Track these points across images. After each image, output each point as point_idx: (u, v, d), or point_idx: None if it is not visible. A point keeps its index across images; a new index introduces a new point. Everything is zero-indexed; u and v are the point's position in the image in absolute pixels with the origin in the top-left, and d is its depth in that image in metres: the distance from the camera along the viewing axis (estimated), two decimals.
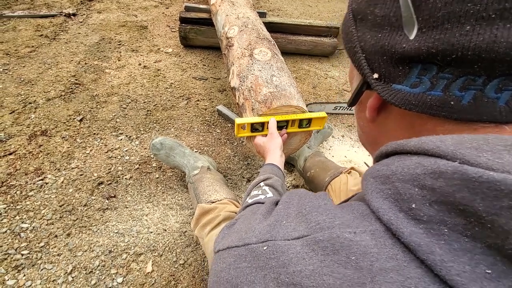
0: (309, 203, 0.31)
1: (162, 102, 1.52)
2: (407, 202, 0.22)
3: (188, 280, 0.89)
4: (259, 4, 2.86)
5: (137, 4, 2.50)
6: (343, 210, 0.28)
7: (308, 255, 0.25)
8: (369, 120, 0.32)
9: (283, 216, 0.31)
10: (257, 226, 0.32)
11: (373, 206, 0.25)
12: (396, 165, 0.24)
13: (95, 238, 0.95)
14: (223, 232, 0.39)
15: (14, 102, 1.38)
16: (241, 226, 0.36)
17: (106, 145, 1.26)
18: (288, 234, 0.28)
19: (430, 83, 0.23)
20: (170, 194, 1.12)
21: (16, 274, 0.85)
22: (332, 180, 0.95)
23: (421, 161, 0.22)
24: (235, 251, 0.31)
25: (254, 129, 0.87)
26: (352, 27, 0.30)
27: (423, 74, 0.23)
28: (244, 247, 0.30)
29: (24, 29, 1.93)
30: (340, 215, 0.27)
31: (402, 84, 0.25)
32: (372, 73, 0.27)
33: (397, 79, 0.25)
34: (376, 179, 0.26)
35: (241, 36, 1.18)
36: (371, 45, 0.27)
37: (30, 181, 1.08)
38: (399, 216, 0.22)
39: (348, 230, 0.24)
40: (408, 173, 0.23)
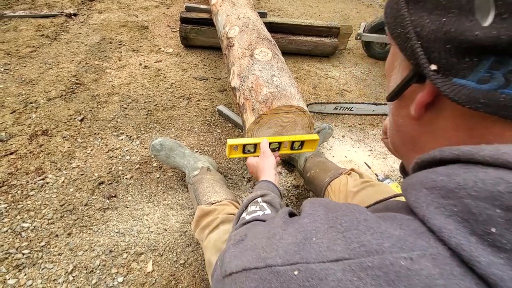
0: (345, 216, 0.26)
1: (163, 102, 1.53)
2: (482, 225, 0.19)
3: (188, 280, 0.89)
4: (259, 4, 2.86)
5: (138, 4, 2.50)
6: (387, 224, 0.23)
7: (354, 285, 0.21)
8: (414, 118, 0.28)
9: (312, 232, 0.26)
10: (279, 243, 0.27)
11: (433, 224, 0.21)
12: (464, 177, 0.21)
13: (96, 237, 0.96)
14: (230, 251, 0.33)
15: (15, 102, 1.39)
16: (255, 242, 0.30)
17: (107, 145, 1.26)
18: (322, 254, 0.23)
19: (504, 80, 0.20)
20: (170, 194, 1.12)
21: (17, 274, 0.85)
22: (332, 181, 0.95)
23: (504, 176, 0.19)
24: (255, 274, 0.26)
25: (246, 150, 0.88)
26: (403, 9, 0.26)
27: (496, 68, 0.20)
28: (267, 269, 0.25)
29: (25, 29, 1.93)
30: (387, 234, 0.22)
31: (466, 78, 0.22)
32: (429, 63, 0.24)
33: (461, 72, 0.22)
34: (433, 190, 0.22)
35: (241, 36, 1.18)
36: (430, 31, 0.23)
37: (31, 181, 1.08)
38: (471, 240, 0.19)
39: (403, 255, 0.20)
40: (485, 189, 0.19)
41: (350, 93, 1.81)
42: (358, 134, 1.51)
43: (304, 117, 0.90)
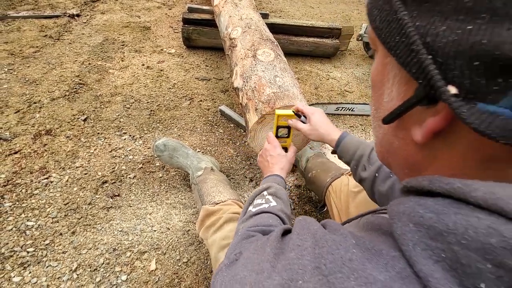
0: (329, 255, 0.24)
1: (165, 102, 1.54)
2: (472, 278, 0.17)
3: (191, 278, 0.90)
4: (261, 5, 2.87)
5: (140, 5, 2.51)
6: (373, 265, 0.22)
7: None
8: (419, 143, 0.23)
9: (297, 272, 0.24)
10: (265, 282, 0.26)
11: (420, 269, 0.19)
12: (454, 219, 0.19)
13: (100, 236, 0.97)
14: (221, 273, 0.33)
15: (19, 102, 1.40)
16: (244, 274, 0.30)
17: (110, 145, 1.27)
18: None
19: None
20: (173, 193, 1.13)
21: (22, 271, 0.86)
22: (333, 181, 0.96)
23: (497, 227, 0.17)
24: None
25: (280, 135, 0.82)
26: (400, 11, 0.20)
27: None
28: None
29: (29, 30, 1.94)
30: (372, 279, 0.20)
31: (497, 104, 0.17)
32: (446, 85, 0.18)
33: (489, 96, 0.17)
34: (420, 228, 0.20)
35: (244, 37, 1.19)
36: (449, 43, 0.18)
37: (35, 180, 1.10)
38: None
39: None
40: (476, 240, 0.17)
41: (351, 93, 1.82)
42: (359, 135, 1.52)
43: None
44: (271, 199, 0.56)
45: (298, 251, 0.26)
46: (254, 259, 0.31)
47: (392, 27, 0.21)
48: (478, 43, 0.16)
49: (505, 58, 0.16)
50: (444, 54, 0.18)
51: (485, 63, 0.16)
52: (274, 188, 0.60)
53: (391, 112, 0.24)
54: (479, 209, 0.18)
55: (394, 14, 0.21)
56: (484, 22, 0.16)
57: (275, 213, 0.54)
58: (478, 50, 0.16)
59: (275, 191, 0.59)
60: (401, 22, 0.20)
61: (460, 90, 0.18)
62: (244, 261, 0.32)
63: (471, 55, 0.17)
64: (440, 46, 0.18)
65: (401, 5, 0.20)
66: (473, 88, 0.17)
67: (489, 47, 0.16)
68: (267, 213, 0.53)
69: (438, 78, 0.18)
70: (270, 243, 0.31)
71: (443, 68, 0.18)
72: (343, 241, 0.25)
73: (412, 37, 0.19)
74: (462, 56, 0.17)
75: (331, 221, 0.30)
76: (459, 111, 0.18)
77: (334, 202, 0.90)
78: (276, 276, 0.25)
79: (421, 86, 0.20)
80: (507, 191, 0.17)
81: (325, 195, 0.97)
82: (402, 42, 0.20)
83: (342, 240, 0.25)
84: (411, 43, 0.20)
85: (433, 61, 0.19)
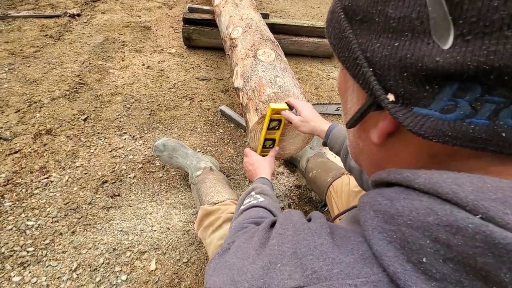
0: (304, 241, 0.27)
1: (166, 102, 1.53)
2: (416, 254, 0.19)
3: (191, 279, 0.89)
4: (261, 5, 2.87)
5: (141, 5, 2.51)
6: (341, 250, 0.24)
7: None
8: (376, 144, 0.26)
9: (277, 257, 0.27)
10: (249, 267, 0.29)
11: (376, 250, 0.22)
12: (403, 203, 0.21)
13: (100, 236, 0.97)
14: (214, 260, 0.36)
15: (19, 101, 1.40)
16: (233, 260, 0.33)
17: (110, 144, 1.27)
18: (283, 282, 0.24)
19: (471, 108, 0.18)
20: (173, 193, 1.13)
21: (22, 271, 0.86)
22: (334, 181, 0.96)
23: (433, 207, 0.19)
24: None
25: (271, 127, 0.86)
26: (347, 31, 0.23)
27: (460, 95, 0.18)
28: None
29: (29, 29, 1.94)
30: (338, 260, 0.23)
31: (428, 107, 0.19)
32: (385, 93, 0.21)
33: (421, 101, 0.19)
34: (378, 214, 0.23)
35: (244, 37, 1.19)
36: (383, 57, 0.20)
37: (35, 179, 1.09)
38: (407, 267, 0.19)
39: (348, 281, 0.21)
40: (417, 219, 0.20)
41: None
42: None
43: None
44: (259, 196, 0.61)
45: (279, 238, 0.29)
46: (243, 248, 0.34)
47: (342, 43, 0.24)
48: (404, 57, 0.19)
49: (426, 69, 0.18)
50: (381, 66, 0.21)
51: (412, 73, 0.19)
52: (260, 188, 0.65)
53: (351, 117, 0.27)
54: (422, 193, 0.20)
55: (343, 32, 0.24)
56: (407, 39, 0.19)
57: (264, 207, 0.58)
58: (405, 63, 0.19)
59: (261, 190, 0.64)
60: (348, 40, 0.23)
61: (397, 97, 0.21)
62: (235, 249, 0.35)
63: (400, 67, 0.19)
64: (377, 60, 0.21)
65: (348, 25, 0.23)
66: (407, 95, 0.20)
67: (413, 60, 0.19)
68: (257, 207, 0.57)
69: (378, 88, 0.21)
70: (258, 232, 0.34)
71: (381, 79, 0.21)
72: (319, 229, 0.27)
73: (356, 53, 0.22)
74: (394, 68, 0.20)
75: (316, 213, 0.33)
76: (396, 115, 0.21)
77: (335, 201, 0.90)
78: (259, 262, 0.28)
79: (368, 94, 0.23)
80: (444, 176, 0.20)
81: (326, 195, 0.97)
82: (350, 56, 0.23)
83: (318, 228, 0.28)
84: (355, 57, 0.22)
85: (373, 73, 0.21)
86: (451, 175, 0.20)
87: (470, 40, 0.16)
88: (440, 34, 0.17)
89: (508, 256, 0.16)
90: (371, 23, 0.21)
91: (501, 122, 0.17)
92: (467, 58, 0.16)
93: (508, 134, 0.17)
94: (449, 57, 0.17)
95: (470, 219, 0.17)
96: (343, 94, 0.30)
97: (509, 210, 0.17)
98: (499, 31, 0.15)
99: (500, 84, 0.16)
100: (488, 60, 0.16)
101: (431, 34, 0.18)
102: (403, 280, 0.19)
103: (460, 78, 0.17)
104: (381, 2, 0.20)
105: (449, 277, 0.18)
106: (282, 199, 1.18)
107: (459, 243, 0.17)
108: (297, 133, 0.94)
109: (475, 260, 0.17)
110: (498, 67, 0.16)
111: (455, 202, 0.18)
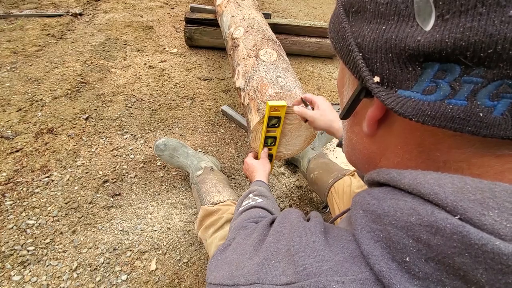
0: (298, 238, 0.28)
1: (167, 102, 1.53)
2: (401, 253, 0.20)
3: (191, 279, 0.89)
4: (264, 5, 2.87)
5: (143, 4, 2.51)
6: (332, 249, 0.25)
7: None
8: (367, 135, 0.26)
9: (273, 253, 0.28)
10: (246, 262, 0.30)
11: (363, 249, 0.22)
12: (389, 204, 0.22)
13: (100, 235, 0.96)
14: (216, 256, 0.38)
15: (21, 100, 1.40)
16: (233, 256, 0.34)
17: (111, 144, 1.27)
18: (276, 278, 0.26)
19: (450, 89, 0.18)
20: (174, 193, 1.13)
21: (22, 270, 0.86)
22: (335, 182, 0.96)
23: (416, 207, 0.20)
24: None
25: (270, 124, 0.85)
26: (344, 22, 0.24)
27: (441, 77, 0.18)
28: (233, 287, 0.29)
29: (32, 28, 1.95)
30: (328, 257, 0.24)
31: (411, 89, 0.20)
32: (372, 75, 0.22)
33: (405, 83, 0.20)
34: (367, 213, 0.23)
35: (246, 37, 1.19)
36: (371, 40, 0.21)
37: (36, 178, 1.09)
38: (392, 266, 0.20)
39: (336, 278, 0.22)
40: (401, 219, 0.20)
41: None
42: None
43: None
44: (257, 198, 0.62)
45: (276, 236, 0.31)
46: (243, 244, 0.35)
47: (339, 35, 0.25)
48: (390, 39, 0.20)
49: (409, 48, 0.19)
50: (369, 50, 0.22)
51: (396, 54, 0.20)
52: (258, 190, 0.67)
53: (344, 107, 0.27)
54: (407, 194, 0.21)
55: (340, 24, 0.25)
56: (394, 22, 0.20)
57: (263, 207, 0.59)
58: (390, 44, 0.20)
59: (259, 192, 0.66)
60: (344, 30, 0.24)
61: (382, 79, 0.21)
62: (235, 246, 0.37)
63: (386, 48, 0.20)
64: (366, 44, 0.22)
65: (345, 17, 0.25)
66: (392, 76, 0.21)
67: (397, 41, 0.19)
68: (256, 208, 0.58)
69: (364, 70, 0.22)
70: (257, 230, 0.36)
71: (369, 62, 0.22)
72: (313, 228, 0.28)
73: (348, 40, 0.24)
74: (380, 50, 0.21)
75: (314, 212, 0.34)
76: (379, 95, 0.21)
77: (337, 203, 0.90)
78: (255, 258, 0.30)
79: (358, 79, 0.23)
80: (427, 177, 0.20)
81: (327, 196, 0.97)
82: (343, 44, 0.24)
83: (312, 226, 0.29)
84: (348, 44, 0.24)
85: (362, 57, 0.22)
86: (434, 176, 0.20)
87: (448, 19, 0.17)
88: (423, 17, 0.18)
89: (484, 257, 0.16)
90: (364, 11, 0.22)
91: (479, 102, 0.18)
92: (445, 36, 0.17)
93: (485, 114, 0.18)
94: (430, 37, 0.18)
95: (448, 220, 0.18)
96: (340, 90, 0.31)
97: (487, 211, 0.17)
98: (473, 8, 0.16)
99: (477, 63, 0.17)
100: (464, 36, 0.16)
101: (415, 17, 0.19)
102: (388, 278, 0.20)
103: (439, 57, 0.18)
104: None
105: (431, 276, 0.18)
106: (283, 200, 1.17)
107: (439, 243, 0.18)
108: (299, 134, 0.94)
109: (453, 260, 0.17)
110: (474, 43, 0.16)
111: (436, 203, 0.19)
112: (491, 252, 0.16)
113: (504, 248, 0.16)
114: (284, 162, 1.32)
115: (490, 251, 0.16)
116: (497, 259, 0.16)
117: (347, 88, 0.28)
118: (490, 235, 0.16)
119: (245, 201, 0.63)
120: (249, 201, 0.62)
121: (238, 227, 0.50)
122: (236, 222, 0.54)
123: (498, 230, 0.16)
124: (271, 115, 0.82)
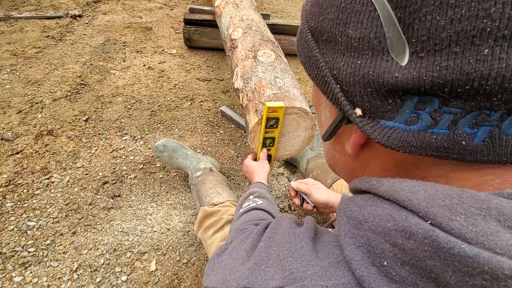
0: (287, 244, 0.29)
1: (166, 103, 1.54)
2: (379, 257, 0.21)
3: (191, 279, 0.90)
4: (262, 6, 2.87)
5: (142, 5, 2.52)
6: (319, 254, 0.26)
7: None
8: (351, 155, 0.27)
9: (264, 259, 0.29)
10: (239, 267, 0.31)
11: (346, 254, 0.23)
12: (369, 210, 0.22)
13: (100, 236, 0.97)
14: (213, 260, 0.39)
15: (21, 102, 1.41)
16: (228, 261, 0.35)
17: (111, 145, 1.28)
18: (266, 283, 0.27)
19: (431, 119, 0.19)
20: (173, 194, 1.13)
21: (23, 271, 0.86)
22: (334, 183, 0.96)
23: (393, 213, 0.20)
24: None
25: (269, 125, 0.86)
26: (315, 50, 0.24)
27: (421, 108, 0.19)
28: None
29: (31, 30, 1.95)
30: (314, 262, 0.25)
31: (393, 120, 0.20)
32: (353, 108, 0.22)
33: (387, 114, 0.20)
34: (349, 220, 0.24)
35: (245, 38, 1.19)
36: (348, 74, 0.21)
37: (36, 180, 1.10)
38: (371, 271, 0.21)
39: (320, 283, 0.23)
40: (379, 225, 0.21)
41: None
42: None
43: (306, 118, 0.91)
44: (258, 199, 0.63)
45: (268, 241, 0.32)
46: (237, 249, 0.36)
47: (311, 62, 0.25)
48: (367, 74, 0.20)
49: (387, 84, 0.19)
50: (347, 83, 0.22)
51: (375, 88, 0.20)
52: (258, 192, 0.67)
53: (326, 131, 0.28)
54: (385, 201, 0.22)
55: (311, 51, 0.25)
56: (368, 57, 0.20)
57: (263, 209, 0.59)
58: (368, 79, 0.20)
59: (259, 193, 0.66)
60: (316, 58, 0.24)
61: (363, 111, 0.22)
62: (231, 250, 0.38)
63: (364, 83, 0.20)
64: (343, 77, 0.22)
65: (315, 44, 0.24)
66: (373, 109, 0.21)
67: (374, 77, 0.20)
68: (256, 210, 0.59)
69: (345, 103, 0.22)
70: (252, 235, 0.36)
71: (348, 95, 0.22)
72: (302, 234, 0.29)
73: (324, 71, 0.23)
74: (358, 84, 0.21)
75: (308, 217, 0.35)
76: (364, 129, 0.22)
77: None
78: (247, 263, 0.31)
79: (338, 109, 0.24)
80: (403, 185, 0.21)
81: None
82: (319, 74, 0.24)
83: (302, 233, 0.30)
84: (324, 75, 0.23)
85: (340, 90, 0.22)
86: (409, 184, 0.21)
87: (423, 57, 0.17)
88: (397, 52, 0.18)
89: (452, 260, 0.17)
90: (335, 42, 0.22)
91: (460, 131, 0.18)
92: (422, 74, 0.17)
93: (467, 142, 0.18)
94: (407, 73, 0.18)
95: (421, 225, 0.18)
96: (317, 108, 0.31)
97: (454, 217, 0.18)
98: (448, 47, 0.16)
99: (455, 96, 0.17)
100: (441, 75, 0.17)
101: (389, 52, 0.19)
102: (367, 282, 0.21)
103: (418, 92, 0.18)
104: (342, 23, 0.21)
105: (407, 279, 0.19)
106: (282, 200, 1.18)
107: (412, 247, 0.19)
108: (297, 134, 0.94)
109: (425, 263, 0.18)
110: (451, 81, 0.17)
111: (410, 209, 0.20)
112: (458, 255, 0.17)
113: (470, 251, 0.16)
114: (283, 163, 1.33)
115: (457, 254, 0.17)
116: (463, 262, 0.16)
117: (325, 108, 0.28)
118: (457, 239, 0.17)
119: (246, 203, 0.63)
120: (249, 203, 0.62)
121: (238, 230, 0.50)
122: (236, 224, 0.54)
123: (465, 234, 0.17)
124: (269, 116, 0.83)
